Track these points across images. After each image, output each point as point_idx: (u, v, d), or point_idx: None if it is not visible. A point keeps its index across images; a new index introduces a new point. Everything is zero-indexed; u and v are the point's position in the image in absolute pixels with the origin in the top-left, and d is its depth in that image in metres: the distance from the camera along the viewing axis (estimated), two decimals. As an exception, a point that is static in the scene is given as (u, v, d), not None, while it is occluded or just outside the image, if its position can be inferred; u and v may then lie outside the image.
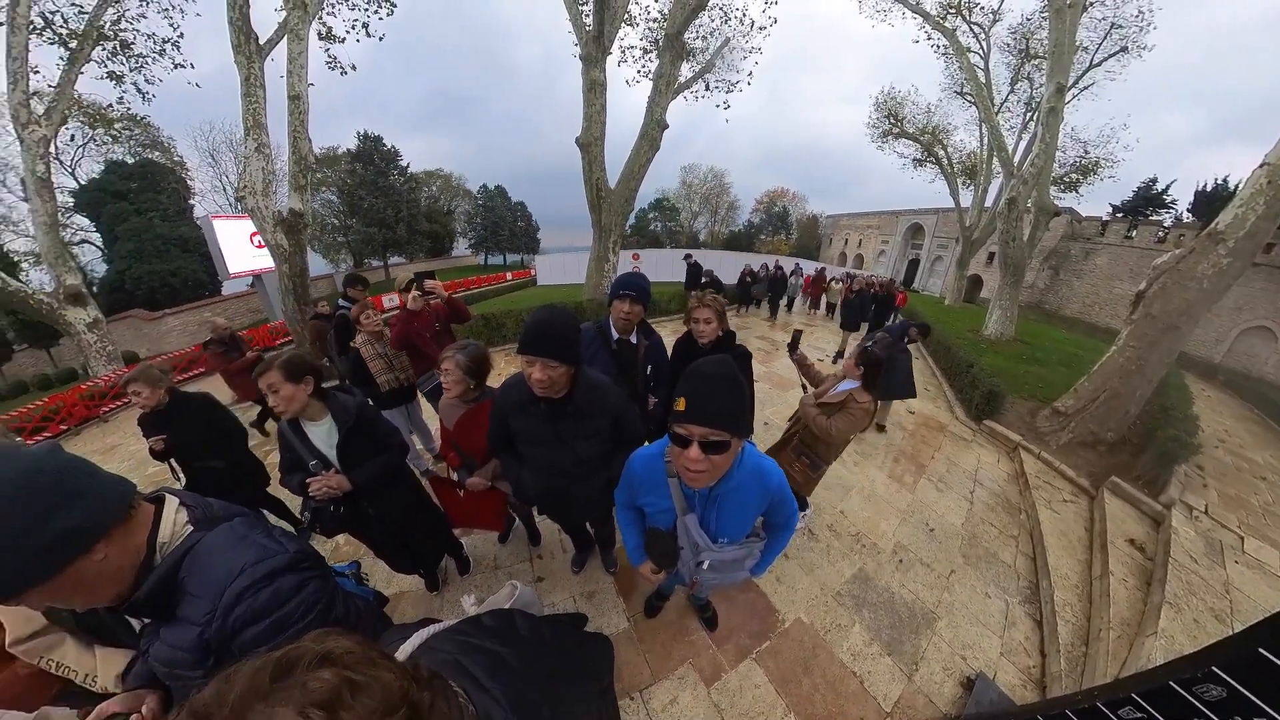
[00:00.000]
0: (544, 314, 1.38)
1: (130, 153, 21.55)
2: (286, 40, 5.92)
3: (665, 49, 8.04)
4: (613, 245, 8.89)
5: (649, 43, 9.45)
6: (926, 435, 4.50)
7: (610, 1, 7.31)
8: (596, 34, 7.38)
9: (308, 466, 1.69)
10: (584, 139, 7.95)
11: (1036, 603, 2.50)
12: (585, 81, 7.80)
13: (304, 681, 0.42)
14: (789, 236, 48.21)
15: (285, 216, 6.19)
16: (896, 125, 16.29)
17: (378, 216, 28.00)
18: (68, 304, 6.27)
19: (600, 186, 8.24)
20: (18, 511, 0.63)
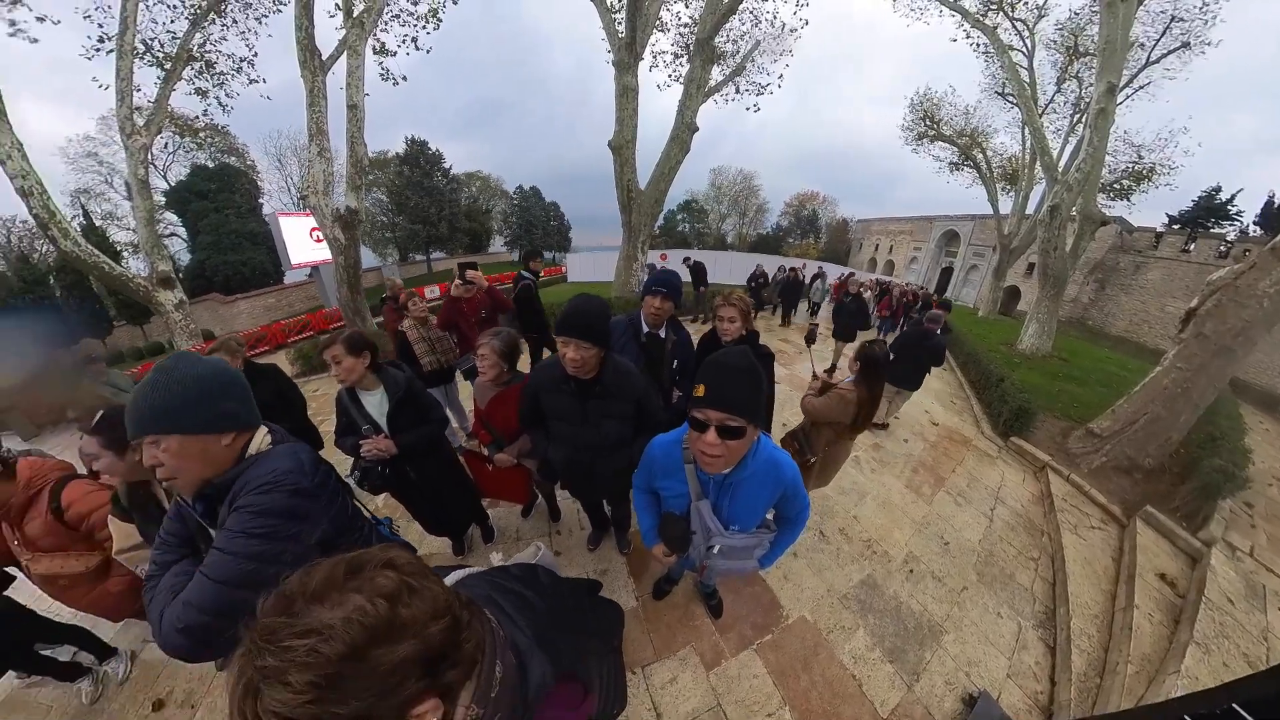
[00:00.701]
0: (580, 301, 1.46)
1: (211, 158, 23.71)
2: (345, 56, 6.33)
3: (696, 53, 7.97)
4: (641, 245, 8.93)
5: (680, 48, 9.37)
6: (948, 448, 4.27)
7: (642, 9, 7.33)
8: (629, 41, 7.41)
9: (360, 430, 1.87)
10: (616, 142, 8.01)
11: (1051, 628, 2.36)
12: (618, 87, 7.84)
13: (372, 577, 0.49)
14: (817, 240, 46.77)
15: (342, 214, 6.61)
16: (933, 127, 15.30)
17: (422, 214, 29.25)
18: (159, 287, 6.91)
19: (631, 188, 8.29)
20: (209, 385, 0.93)
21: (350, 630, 0.45)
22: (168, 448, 0.90)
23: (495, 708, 0.59)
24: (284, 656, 0.43)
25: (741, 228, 48.95)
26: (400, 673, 0.48)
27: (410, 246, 31.10)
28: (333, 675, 0.44)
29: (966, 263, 28.47)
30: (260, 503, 0.90)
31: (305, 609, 0.46)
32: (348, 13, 6.40)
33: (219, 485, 0.95)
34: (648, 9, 7.54)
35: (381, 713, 0.47)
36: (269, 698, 0.42)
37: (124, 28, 6.27)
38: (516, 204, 40.65)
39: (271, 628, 0.45)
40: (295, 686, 0.42)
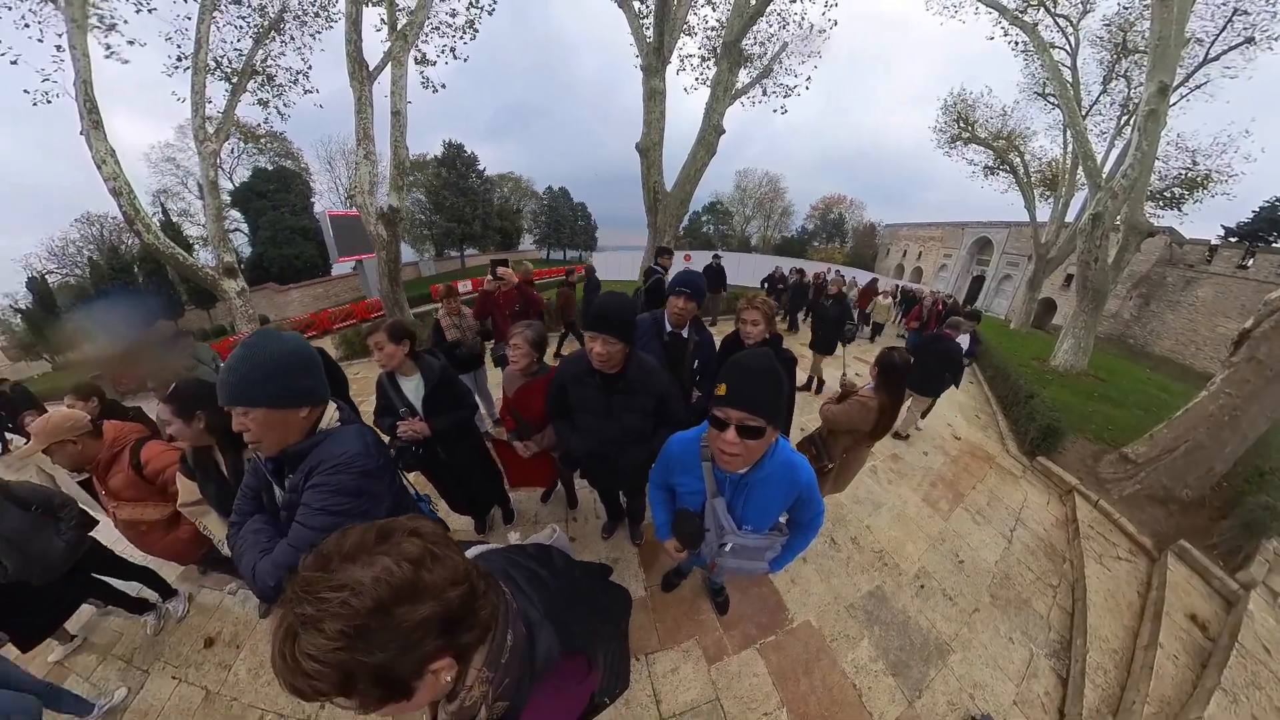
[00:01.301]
0: (608, 298, 1.49)
1: (270, 161, 25.41)
2: (390, 66, 6.59)
3: (723, 57, 7.83)
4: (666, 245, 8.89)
5: (707, 51, 9.16)
6: (970, 464, 4.04)
7: (670, 14, 7.25)
8: (657, 45, 7.36)
9: (397, 412, 1.96)
10: (643, 144, 7.98)
11: (1065, 659, 2.22)
12: (645, 90, 7.80)
13: (399, 543, 0.53)
14: (843, 244, 44.92)
15: (385, 212, 6.88)
16: (967, 130, 14.16)
17: (457, 213, 30.06)
18: (224, 276, 7.52)
19: (657, 189, 8.23)
20: (289, 362, 1.00)
21: (378, 588, 0.49)
22: (254, 418, 0.99)
23: (505, 673, 0.62)
24: (319, 607, 0.47)
25: (766, 230, 47.74)
26: (420, 630, 0.51)
27: (446, 243, 32.10)
28: (360, 627, 0.47)
29: (999, 272, 26.58)
30: (334, 483, 1.01)
31: (340, 567, 0.50)
32: (392, 26, 6.66)
33: (294, 453, 1.05)
34: (675, 14, 7.45)
35: (402, 665, 0.51)
36: (305, 641, 0.47)
37: (198, 47, 6.89)
38: (546, 204, 41.20)
39: (309, 581, 0.49)
40: (328, 634, 0.46)
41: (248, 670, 2.18)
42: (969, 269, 29.19)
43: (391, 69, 6.53)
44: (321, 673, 0.47)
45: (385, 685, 0.51)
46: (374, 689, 0.50)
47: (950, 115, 14.15)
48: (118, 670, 2.34)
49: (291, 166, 26.07)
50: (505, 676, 0.63)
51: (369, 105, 6.58)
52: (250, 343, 1.00)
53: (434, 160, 30.46)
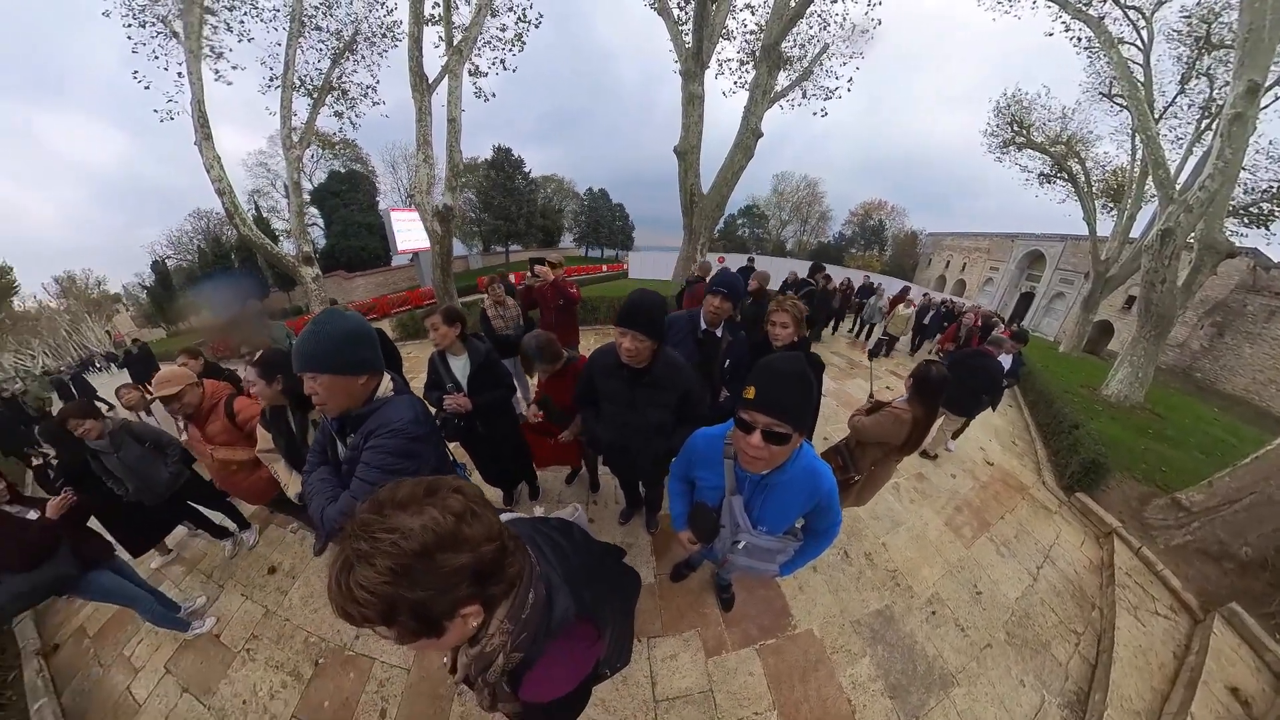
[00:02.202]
0: (639, 295, 1.49)
1: (343, 165, 27.65)
2: (447, 79, 6.92)
3: (762, 60, 7.58)
4: (701, 248, 8.74)
5: (745, 55, 8.86)
6: (1001, 492, 3.68)
7: (709, 19, 7.12)
8: (695, 50, 7.25)
9: (445, 387, 2.11)
10: (681, 147, 7.91)
11: (1080, 713, 2.01)
12: (684, 95, 7.70)
13: (444, 498, 0.58)
14: (882, 252, 42.12)
15: (440, 210, 7.27)
16: (1021, 133, 12.42)
17: (504, 212, 31.28)
18: (303, 264, 8.41)
19: (694, 192, 8.14)
20: (351, 337, 1.10)
21: (424, 535, 0.53)
22: (321, 383, 1.09)
23: (523, 627, 0.66)
24: (373, 544, 0.52)
25: (802, 235, 45.79)
26: (456, 576, 0.56)
27: (492, 239, 33.43)
28: (407, 565, 0.52)
29: (1051, 289, 23.65)
30: (389, 444, 1.11)
31: (392, 513, 0.55)
32: (449, 43, 7.00)
33: (354, 416, 1.16)
34: (714, 19, 7.31)
35: (438, 604, 0.56)
36: (359, 573, 0.51)
37: (286, 68, 7.79)
38: (586, 204, 41.73)
39: (366, 522, 0.54)
40: (378, 569, 0.51)
41: (300, 597, 2.47)
42: (1017, 284, 26.19)
43: (448, 81, 6.86)
44: (370, 601, 0.51)
45: (421, 620, 0.55)
46: (411, 622, 0.55)
47: (1003, 118, 12.59)
48: (199, 582, 2.77)
49: (360, 169, 28.31)
50: (524, 631, 0.66)
51: (428, 114, 6.96)
52: (320, 319, 1.10)
53: (484, 163, 31.72)
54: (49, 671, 2.41)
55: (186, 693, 2.09)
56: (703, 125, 7.88)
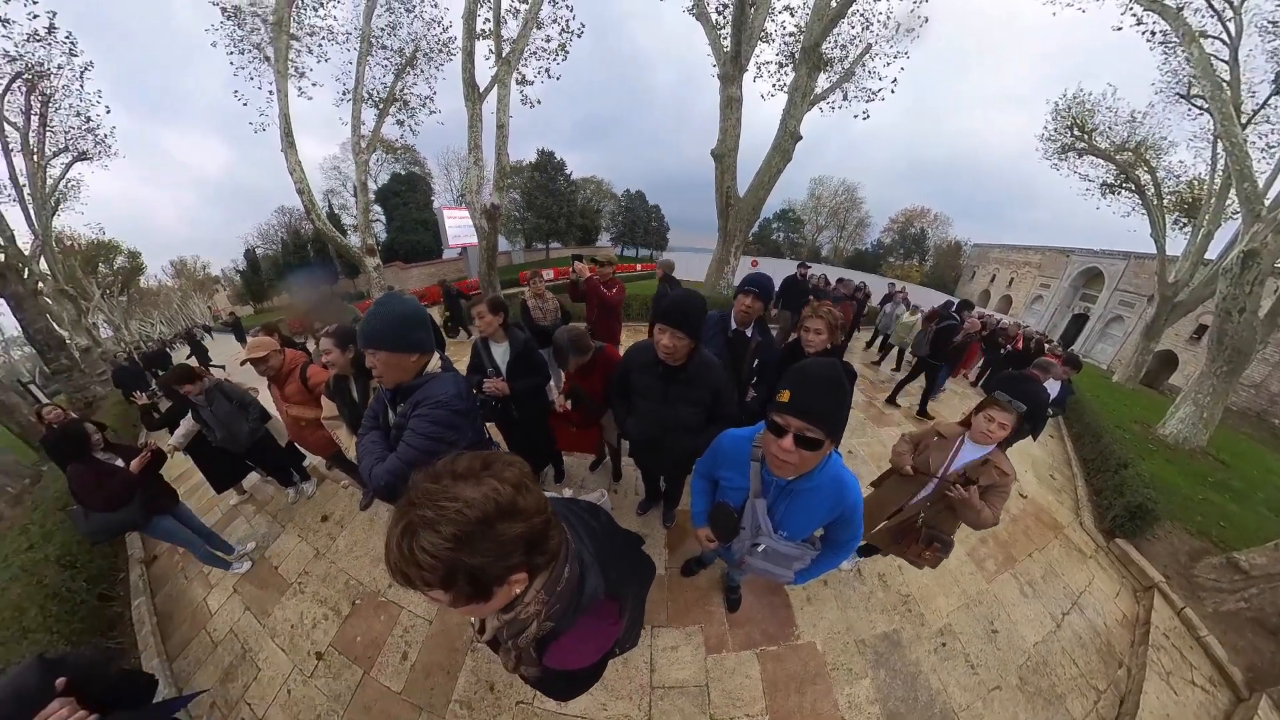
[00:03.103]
0: (682, 295, 1.48)
1: (403, 167, 29.78)
2: (496, 88, 7.26)
3: (801, 62, 7.29)
4: (735, 250, 8.59)
5: (784, 57, 8.46)
6: (1031, 528, 3.32)
7: (747, 23, 6.94)
8: (734, 54, 7.17)
9: (485, 371, 2.21)
10: (718, 150, 7.80)
11: None
12: (722, 98, 7.62)
13: (500, 471, 0.60)
14: (922, 262, 39.07)
15: (488, 208, 7.66)
16: (1083, 138, 10.77)
17: (546, 211, 32.19)
18: (366, 254, 9.25)
19: (730, 195, 8.00)
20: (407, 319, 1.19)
21: (486, 504, 0.55)
22: (380, 358, 1.19)
23: (557, 600, 0.68)
24: (439, 511, 0.53)
25: (839, 241, 43.31)
26: (512, 545, 0.57)
27: (534, 237, 34.62)
28: (469, 532, 0.53)
29: (1108, 312, 20.71)
30: (433, 415, 1.20)
31: (453, 484, 0.56)
32: (498, 55, 7.31)
33: (405, 388, 1.25)
34: (752, 22, 7.08)
35: (493, 570, 0.57)
36: (423, 539, 0.52)
37: (357, 83, 8.55)
38: (623, 205, 42.04)
39: (430, 491, 0.55)
40: (443, 534, 0.52)
41: (345, 545, 2.76)
42: (1070, 304, 23.11)
43: (497, 90, 7.19)
44: (433, 566, 0.52)
45: (476, 585, 0.57)
46: (467, 587, 0.56)
47: (1062, 121, 10.96)
48: (265, 521, 3.16)
49: (418, 172, 30.46)
50: (557, 603, 0.68)
51: (479, 121, 7.34)
52: (381, 302, 1.22)
53: (529, 165, 32.76)
54: (148, 577, 2.91)
55: (248, 611, 2.43)
56: (740, 128, 7.72)
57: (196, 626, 2.45)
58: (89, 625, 2.41)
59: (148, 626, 2.46)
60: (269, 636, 2.26)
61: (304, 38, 8.27)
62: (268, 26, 7.67)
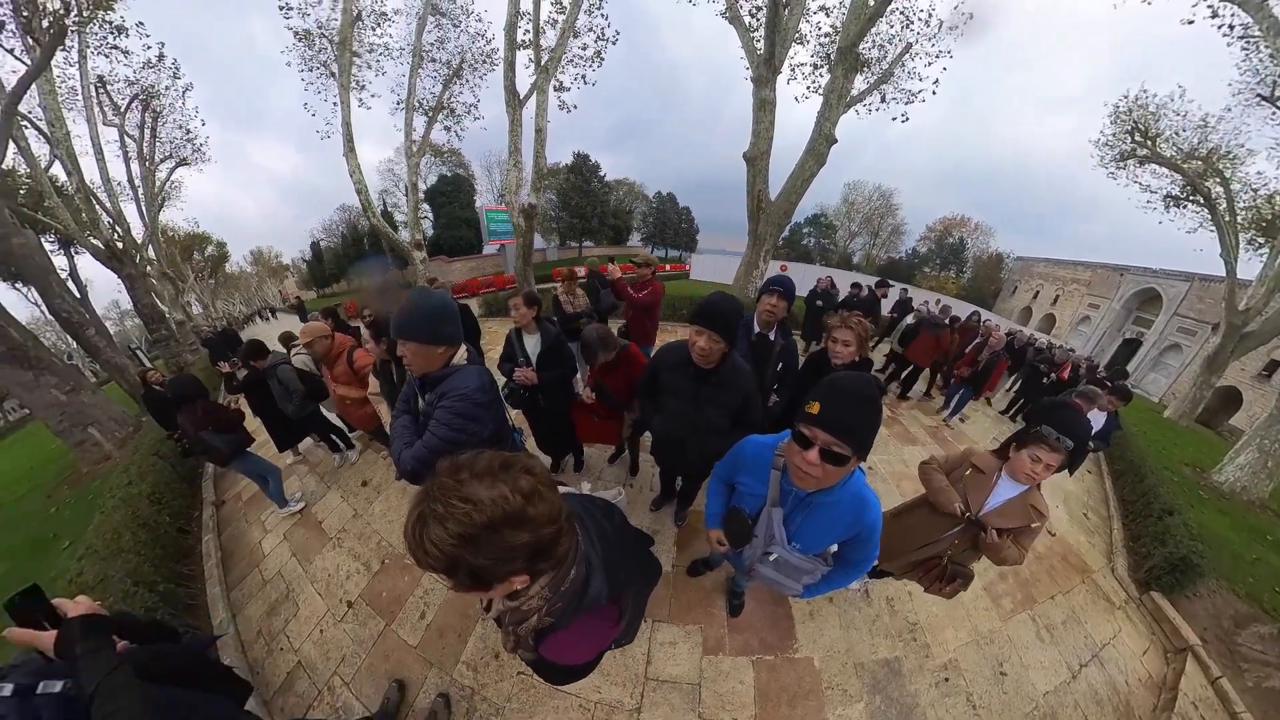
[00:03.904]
0: (719, 298, 1.43)
1: (449, 169, 31.51)
2: (535, 94, 7.49)
3: (838, 63, 6.88)
4: (764, 254, 8.35)
5: (820, 58, 8.05)
6: (1057, 569, 2.97)
7: (781, 24, 6.69)
8: (768, 56, 6.96)
9: (517, 361, 2.24)
10: (751, 153, 7.56)
11: None
12: (755, 101, 7.43)
13: (516, 477, 0.59)
14: (960, 274, 36.35)
15: (526, 208, 7.92)
16: (1145, 144, 9.40)
17: (580, 211, 32.90)
18: (415, 249, 10.18)
19: (761, 198, 7.77)
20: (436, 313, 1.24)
21: (494, 510, 0.55)
22: (410, 348, 1.23)
23: (560, 599, 0.69)
24: (448, 509, 0.54)
25: (871, 249, 40.93)
26: (515, 551, 0.57)
27: (568, 235, 35.38)
28: (473, 534, 0.54)
29: (1164, 339, 18.31)
30: (457, 407, 1.22)
31: (469, 480, 0.56)
32: (538, 63, 7.50)
33: (433, 377, 1.29)
34: (786, 24, 6.82)
35: (492, 571, 0.58)
36: (431, 531, 0.54)
37: (409, 93, 9.37)
38: (655, 206, 42.09)
39: (445, 486, 0.56)
40: (449, 531, 0.54)
41: (380, 509, 2.98)
42: (1120, 327, 20.51)
43: (536, 96, 7.42)
44: (436, 556, 0.55)
45: (475, 579, 0.58)
46: (467, 579, 0.58)
47: (1122, 125, 9.54)
48: (315, 480, 3.53)
49: (463, 173, 32.14)
50: (559, 601, 0.69)
51: (519, 125, 7.63)
52: (413, 297, 1.25)
53: (565, 167, 33.49)
54: (216, 518, 3.31)
55: (294, 557, 2.70)
56: (774, 131, 7.47)
57: (251, 565, 2.75)
58: (168, 552, 2.72)
59: (213, 560, 2.81)
60: (309, 581, 2.49)
61: (364, 54, 9.06)
62: (333, 46, 8.45)
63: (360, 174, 8.84)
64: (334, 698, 1.91)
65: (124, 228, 10.61)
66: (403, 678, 1.91)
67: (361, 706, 1.85)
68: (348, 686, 1.94)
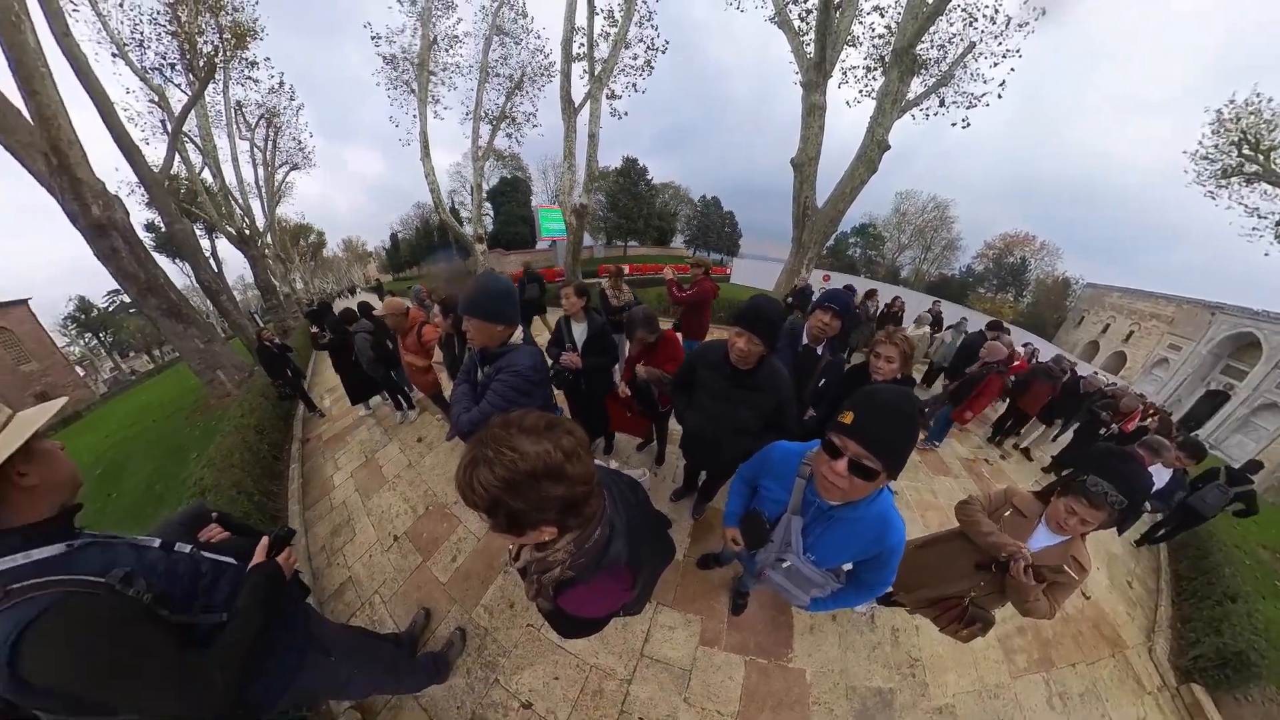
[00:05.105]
0: (762, 301, 1.41)
1: (509, 172, 33.40)
2: (589, 103, 7.70)
3: (893, 65, 6.21)
4: (808, 263, 7.83)
5: (873, 60, 7.42)
6: (1085, 635, 2.53)
7: (832, 27, 6.19)
8: (818, 60, 6.49)
9: (564, 345, 2.33)
10: (799, 159, 7.05)
11: None
12: (805, 106, 6.99)
13: (559, 436, 0.63)
14: (1019, 297, 32.06)
15: (577, 208, 8.24)
16: (1255, 159, 7.76)
17: (627, 212, 33.77)
18: (477, 242, 11.07)
19: (808, 205, 7.27)
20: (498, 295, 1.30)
21: (536, 461, 0.59)
22: (473, 324, 1.31)
23: (582, 555, 0.72)
24: (498, 455, 0.58)
25: (921, 263, 37.15)
26: (549, 503, 0.61)
27: (615, 234, 36.26)
28: (514, 480, 0.58)
29: (1259, 395, 14.30)
30: (511, 381, 1.30)
31: (517, 434, 0.60)
32: (591, 73, 7.68)
33: (491, 353, 1.36)
34: (837, 26, 6.34)
35: (527, 517, 0.62)
36: (480, 473, 0.58)
37: (476, 105, 10.34)
38: (699, 210, 41.64)
39: (496, 435, 0.61)
40: (495, 475, 0.58)
41: (431, 463, 3.26)
42: (1205, 376, 16.37)
43: (590, 104, 7.63)
44: (480, 495, 0.59)
45: (511, 522, 0.62)
46: (504, 521, 0.61)
47: (1227, 135, 7.88)
48: (380, 431, 3.94)
49: (521, 175, 34.14)
50: (582, 557, 0.72)
51: (573, 132, 7.90)
52: (480, 278, 1.34)
53: (615, 171, 34.15)
54: (302, 452, 3.86)
55: (357, 492, 3.07)
56: (823, 137, 7.02)
57: (323, 493, 3.17)
58: (263, 472, 3.24)
59: (295, 484, 3.30)
60: (366, 514, 2.80)
61: (439, 73, 10.23)
62: (414, 68, 9.63)
63: (433, 176, 9.92)
64: (372, 611, 2.14)
65: (250, 219, 13.22)
66: (430, 607, 2.08)
67: (393, 624, 2.04)
68: (385, 604, 2.16)
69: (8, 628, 0.61)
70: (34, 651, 0.61)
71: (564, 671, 1.82)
